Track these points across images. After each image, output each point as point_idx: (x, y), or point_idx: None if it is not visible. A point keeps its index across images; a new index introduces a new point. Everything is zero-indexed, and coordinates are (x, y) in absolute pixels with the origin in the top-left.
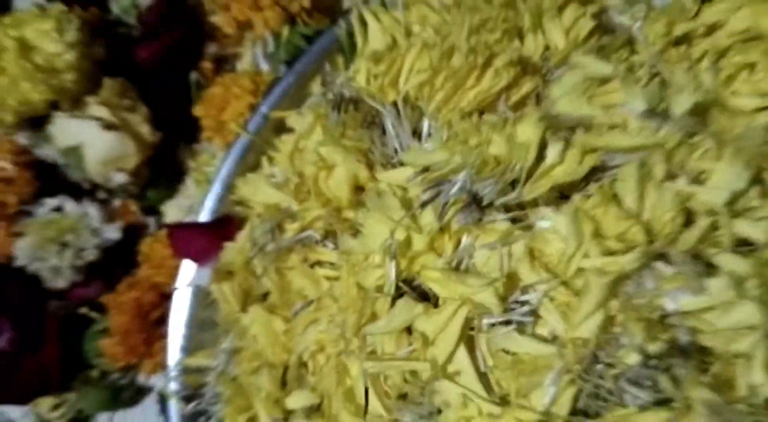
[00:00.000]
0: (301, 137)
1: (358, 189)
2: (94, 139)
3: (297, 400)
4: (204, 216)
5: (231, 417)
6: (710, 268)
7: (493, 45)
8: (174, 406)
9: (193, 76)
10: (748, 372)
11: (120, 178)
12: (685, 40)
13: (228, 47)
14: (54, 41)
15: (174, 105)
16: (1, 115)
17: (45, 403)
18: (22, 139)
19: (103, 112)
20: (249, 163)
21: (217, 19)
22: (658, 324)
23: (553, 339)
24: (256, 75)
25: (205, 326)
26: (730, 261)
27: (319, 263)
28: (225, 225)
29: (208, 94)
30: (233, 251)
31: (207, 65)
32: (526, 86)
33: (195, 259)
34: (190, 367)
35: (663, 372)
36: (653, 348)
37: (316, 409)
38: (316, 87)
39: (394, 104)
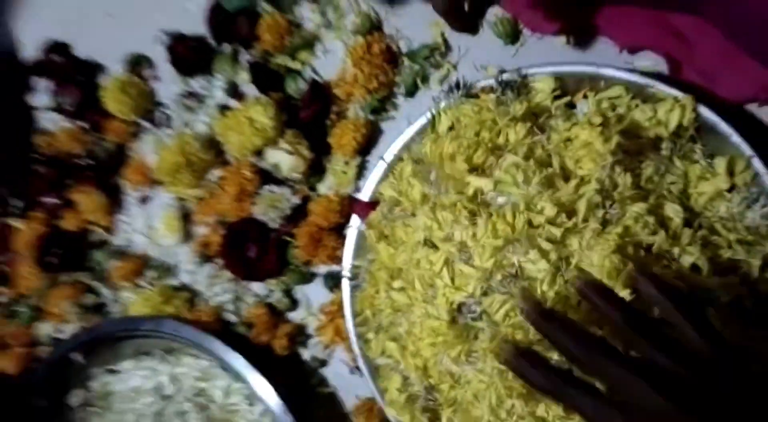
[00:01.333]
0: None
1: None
2: (285, 158)
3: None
4: (364, 196)
5: (369, 289)
6: None
7: None
8: (345, 282)
9: (327, 122)
10: None
11: (297, 175)
12: None
13: (342, 106)
14: (264, 116)
15: (318, 139)
16: (245, 153)
17: (271, 282)
18: (253, 160)
19: (287, 146)
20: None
21: (338, 91)
22: None
23: None
24: (356, 121)
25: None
26: None
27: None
28: (373, 203)
29: (334, 132)
30: (374, 214)
31: (333, 117)
32: None
33: (360, 215)
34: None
35: None
36: None
37: None
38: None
39: None
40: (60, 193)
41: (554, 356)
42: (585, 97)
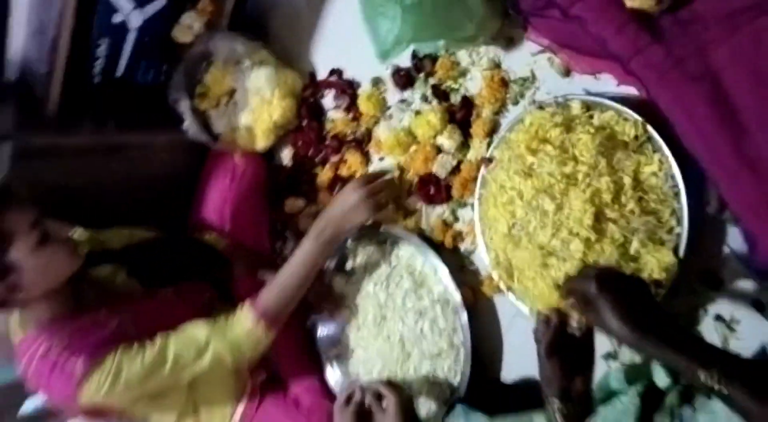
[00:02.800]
0: None
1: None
2: (447, 140)
3: None
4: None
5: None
6: None
7: None
8: (476, 204)
9: (470, 120)
10: None
11: (453, 149)
12: None
13: (479, 110)
14: (436, 117)
15: (465, 129)
16: (426, 137)
17: (443, 206)
18: (432, 141)
19: (448, 134)
20: None
21: (477, 102)
22: None
23: None
24: (486, 119)
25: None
26: None
27: None
28: (490, 160)
29: (473, 125)
30: (491, 167)
31: (473, 117)
32: None
33: (486, 167)
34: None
35: None
36: None
37: None
38: None
39: None
40: (341, 154)
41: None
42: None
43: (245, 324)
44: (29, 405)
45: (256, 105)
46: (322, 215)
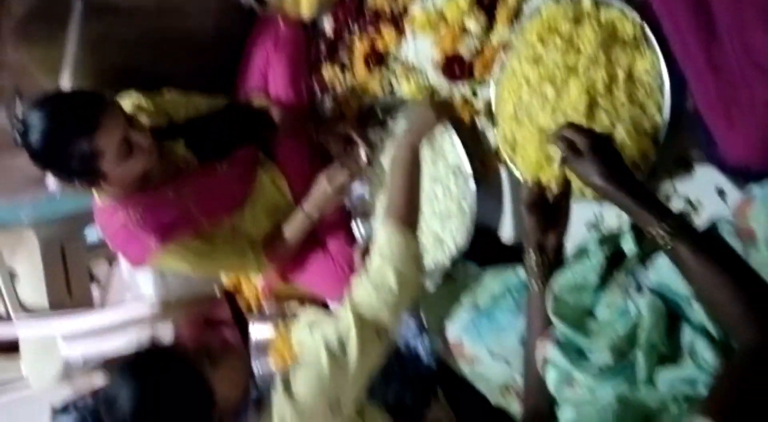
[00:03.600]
0: None
1: None
2: (474, 24)
3: None
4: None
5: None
6: None
7: None
8: (492, 85)
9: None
10: None
11: (480, 32)
12: None
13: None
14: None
15: (491, 12)
16: (456, 20)
17: (464, 83)
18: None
19: (474, 16)
20: None
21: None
22: None
23: None
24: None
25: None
26: None
27: None
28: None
29: (498, 10)
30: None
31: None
32: None
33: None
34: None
35: None
36: None
37: None
38: None
39: None
40: (378, 29)
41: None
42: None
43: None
44: (93, 235)
45: None
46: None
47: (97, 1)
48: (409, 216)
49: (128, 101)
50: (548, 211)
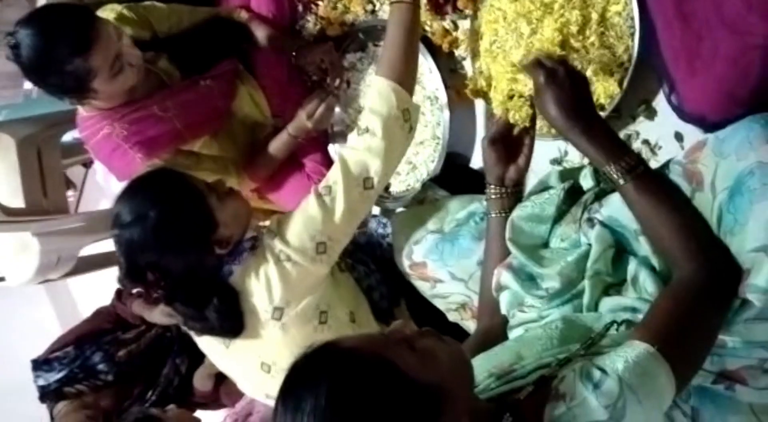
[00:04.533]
0: None
1: None
2: None
3: None
4: None
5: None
6: None
7: None
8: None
9: None
10: None
11: None
12: None
13: None
14: None
15: None
16: None
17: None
18: None
19: None
20: None
21: None
22: None
23: None
24: None
25: None
26: None
27: None
28: None
29: None
30: None
31: None
32: None
33: None
34: None
35: None
36: None
37: None
38: None
39: None
40: None
41: None
42: None
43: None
44: (69, 136)
45: None
46: None
47: None
48: (403, 73)
49: (111, 13)
50: (511, 145)
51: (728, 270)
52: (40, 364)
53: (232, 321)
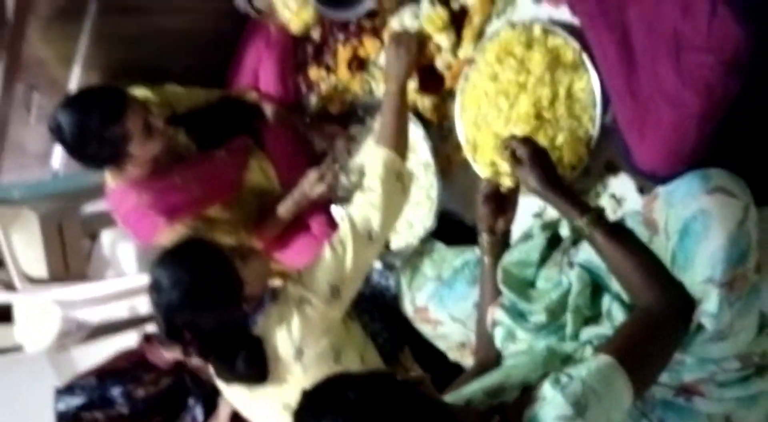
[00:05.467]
0: None
1: None
2: (445, 40)
3: None
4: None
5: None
6: None
7: None
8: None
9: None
10: None
11: (447, 45)
12: None
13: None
14: (440, 18)
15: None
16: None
17: None
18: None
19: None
20: None
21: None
22: None
23: None
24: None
25: None
26: None
27: None
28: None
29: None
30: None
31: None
32: None
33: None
34: None
35: None
36: None
37: None
38: None
39: None
40: (360, 38)
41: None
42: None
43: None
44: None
45: None
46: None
47: (110, 2)
48: (397, 145)
49: (137, 94)
50: (499, 201)
51: (680, 299)
52: (62, 391)
53: (259, 368)
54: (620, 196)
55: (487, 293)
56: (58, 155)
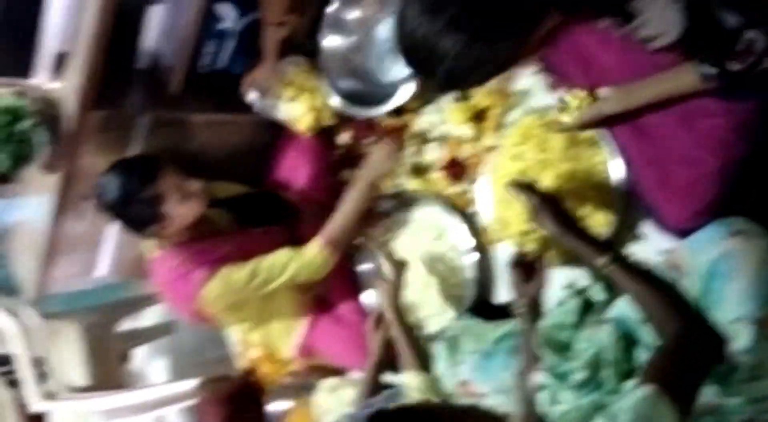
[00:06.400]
0: None
1: None
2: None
3: None
4: None
5: None
6: None
7: None
8: None
9: None
10: None
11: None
12: None
13: None
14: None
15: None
16: None
17: None
18: None
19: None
20: None
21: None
22: None
23: None
24: None
25: None
26: None
27: None
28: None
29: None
30: None
31: None
32: None
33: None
34: None
35: None
36: None
37: None
38: None
39: None
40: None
41: None
42: None
43: (315, 249)
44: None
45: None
46: (364, 166)
47: (158, 117)
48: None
49: None
50: (528, 267)
51: (703, 323)
52: None
53: None
54: (646, 260)
55: (527, 359)
56: (105, 265)
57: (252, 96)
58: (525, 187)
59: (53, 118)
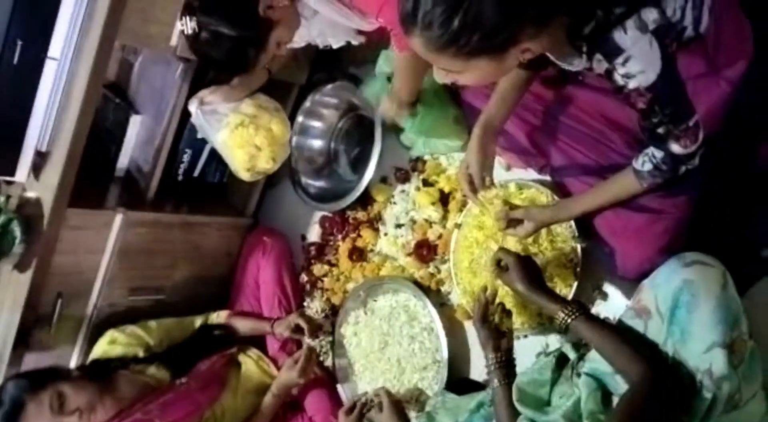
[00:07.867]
0: None
1: None
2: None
3: None
4: None
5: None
6: None
7: None
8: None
9: None
10: None
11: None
12: None
13: None
14: None
15: None
16: None
17: None
18: None
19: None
20: None
21: None
22: None
23: None
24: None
25: None
26: None
27: None
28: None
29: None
30: None
31: None
32: None
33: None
34: None
35: None
36: None
37: None
38: None
39: None
40: (358, 231)
41: None
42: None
43: None
44: None
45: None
46: (278, 378)
47: (131, 217)
48: None
49: (105, 338)
50: (494, 325)
51: (660, 363)
52: None
53: None
54: (613, 316)
55: (503, 416)
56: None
57: (193, 107)
58: (501, 248)
59: (29, 216)
